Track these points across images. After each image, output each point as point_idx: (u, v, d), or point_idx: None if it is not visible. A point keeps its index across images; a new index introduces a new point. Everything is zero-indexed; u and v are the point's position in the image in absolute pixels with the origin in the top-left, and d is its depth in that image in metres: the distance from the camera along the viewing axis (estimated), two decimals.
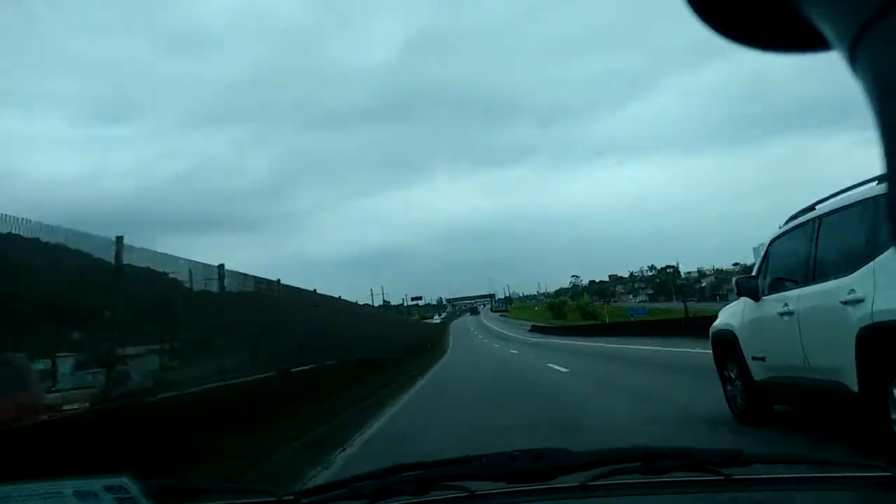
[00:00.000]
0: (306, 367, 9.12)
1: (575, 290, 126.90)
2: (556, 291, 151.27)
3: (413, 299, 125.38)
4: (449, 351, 38.38)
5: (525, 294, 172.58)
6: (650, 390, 9.25)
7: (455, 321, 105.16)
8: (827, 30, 0.36)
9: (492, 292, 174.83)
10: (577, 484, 1.23)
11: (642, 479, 1.22)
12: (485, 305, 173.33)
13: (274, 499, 1.27)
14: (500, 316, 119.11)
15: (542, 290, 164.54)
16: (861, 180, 4.18)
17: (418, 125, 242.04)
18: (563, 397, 9.80)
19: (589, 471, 1.22)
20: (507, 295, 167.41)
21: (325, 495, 1.22)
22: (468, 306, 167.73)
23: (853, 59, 0.34)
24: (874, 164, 0.34)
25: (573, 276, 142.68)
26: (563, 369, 15.16)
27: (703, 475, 1.22)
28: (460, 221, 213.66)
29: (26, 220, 4.19)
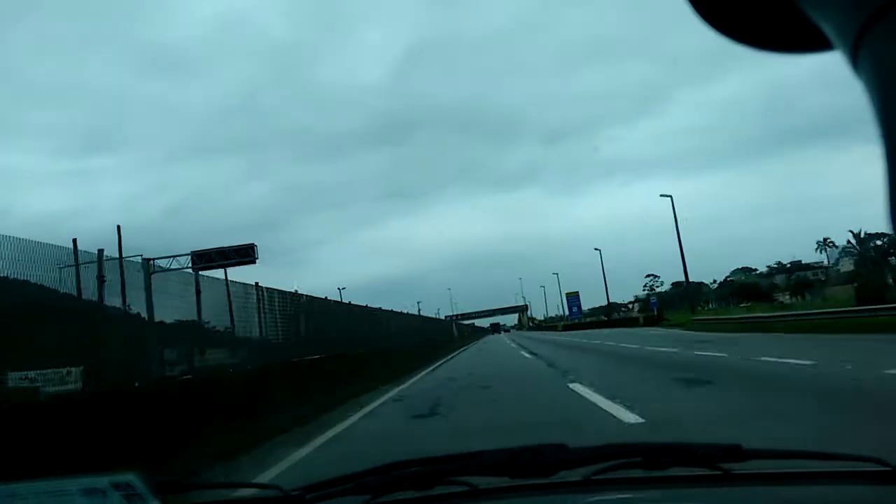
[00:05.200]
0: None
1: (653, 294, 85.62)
2: (608, 305, 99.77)
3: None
4: None
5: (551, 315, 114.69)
6: None
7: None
8: (829, 30, 0.37)
9: (523, 304, 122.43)
10: (579, 479, 1.24)
11: (642, 474, 1.24)
12: (509, 327, 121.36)
13: (279, 494, 1.28)
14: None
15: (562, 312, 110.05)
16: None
17: (421, 148, 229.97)
18: None
19: (589, 466, 1.24)
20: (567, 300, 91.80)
21: (331, 490, 1.23)
22: (490, 326, 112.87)
23: (855, 59, 0.35)
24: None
25: (649, 275, 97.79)
26: None
27: (702, 470, 1.24)
28: (472, 246, 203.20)
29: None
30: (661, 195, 44.31)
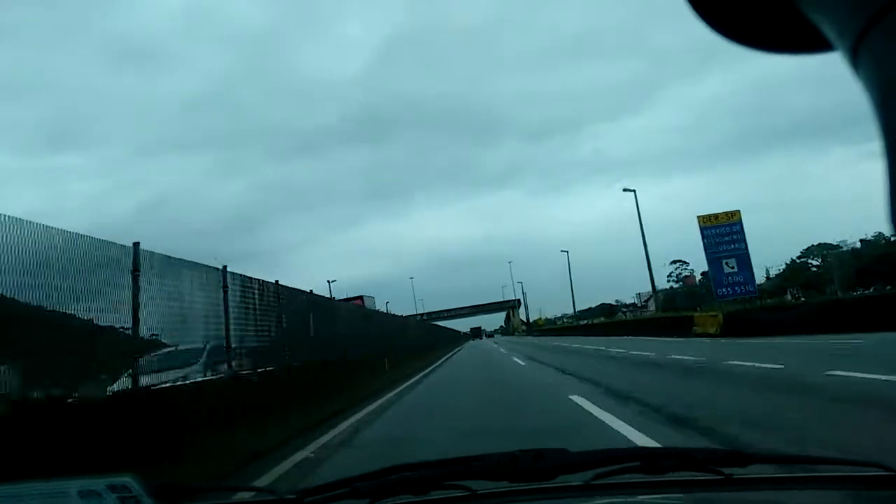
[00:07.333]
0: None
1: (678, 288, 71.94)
2: (599, 305, 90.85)
3: None
4: None
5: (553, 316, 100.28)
6: None
7: None
8: (829, 30, 0.36)
9: (513, 298, 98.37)
10: (579, 483, 1.24)
11: (643, 479, 1.23)
12: (491, 331, 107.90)
13: (276, 497, 1.27)
14: None
15: (547, 315, 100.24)
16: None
17: (401, 147, 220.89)
18: None
19: (590, 470, 1.23)
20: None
21: (328, 494, 1.22)
22: (470, 331, 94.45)
23: (855, 59, 0.34)
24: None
25: (675, 261, 77.51)
26: None
27: (703, 474, 1.23)
28: (453, 246, 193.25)
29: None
30: (624, 189, 37.77)
